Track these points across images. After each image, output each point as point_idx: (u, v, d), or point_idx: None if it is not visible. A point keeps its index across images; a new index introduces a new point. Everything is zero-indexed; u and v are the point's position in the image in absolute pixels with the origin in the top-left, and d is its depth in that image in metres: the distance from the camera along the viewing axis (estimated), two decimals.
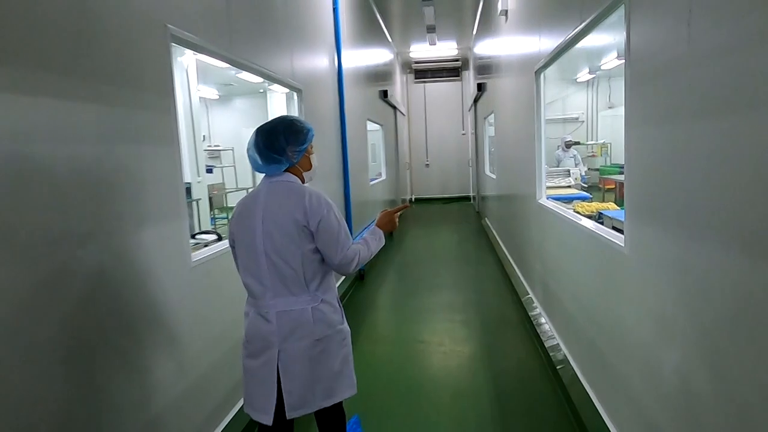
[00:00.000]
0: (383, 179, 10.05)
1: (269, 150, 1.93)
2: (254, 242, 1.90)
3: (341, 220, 1.97)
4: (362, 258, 2.01)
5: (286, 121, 1.98)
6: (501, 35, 6.61)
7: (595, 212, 4.84)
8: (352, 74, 6.95)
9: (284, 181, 1.97)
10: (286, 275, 1.90)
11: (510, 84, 5.84)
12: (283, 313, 1.91)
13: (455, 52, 13.85)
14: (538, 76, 4.04)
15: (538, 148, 4.13)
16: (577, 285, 3.17)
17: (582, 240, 2.96)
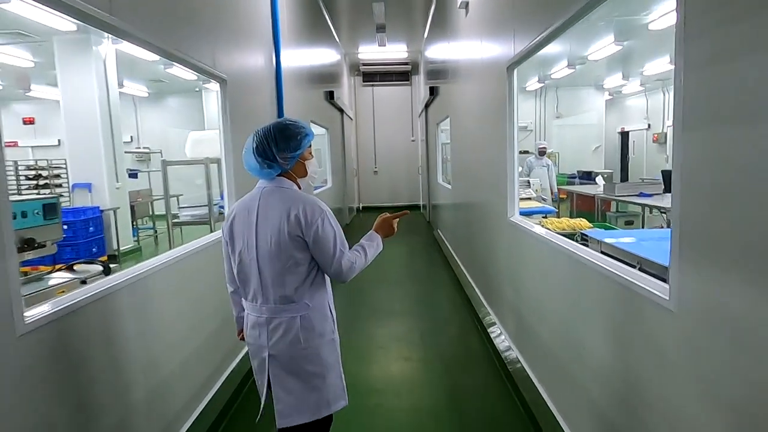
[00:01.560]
0: (328, 186, 9.26)
1: (260, 155, 1.88)
2: (247, 248, 1.90)
3: (337, 227, 1.91)
4: (358, 266, 1.96)
5: (279, 125, 1.91)
6: (460, 32, 6.02)
7: (569, 230, 4.30)
8: (293, 73, 6.19)
9: (278, 187, 1.92)
10: (275, 283, 1.88)
11: (472, 84, 5.24)
12: (271, 319, 1.90)
13: (405, 55, 13.31)
14: (511, 73, 3.42)
15: (510, 156, 3.51)
16: (580, 339, 2.52)
17: (590, 280, 2.30)
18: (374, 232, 2.13)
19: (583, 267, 2.32)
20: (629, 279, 1.86)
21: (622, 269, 2.00)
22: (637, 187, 6.51)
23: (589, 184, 9.36)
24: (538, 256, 3.06)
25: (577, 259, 2.40)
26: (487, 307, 4.68)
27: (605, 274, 2.07)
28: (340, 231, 1.93)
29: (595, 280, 2.20)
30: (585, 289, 2.35)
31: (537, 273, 3.11)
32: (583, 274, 2.34)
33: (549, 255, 2.85)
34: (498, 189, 3.83)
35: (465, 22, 5.52)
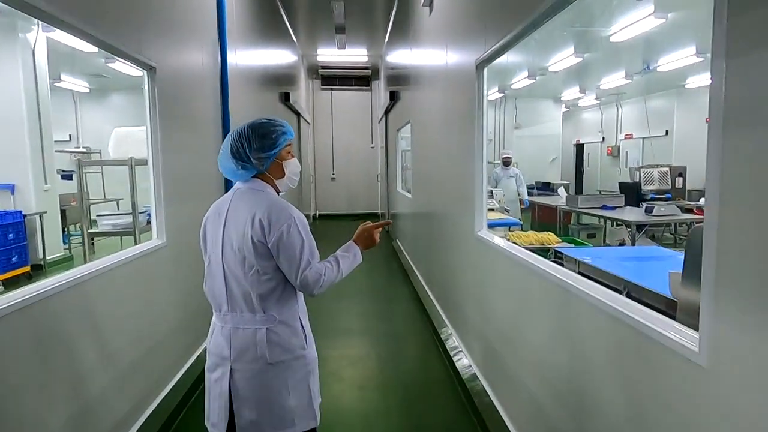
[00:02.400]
0: (282, 194, 8.71)
1: (235, 156, 1.78)
2: (215, 252, 1.82)
3: (306, 236, 1.78)
4: (328, 279, 1.82)
5: (254, 124, 1.81)
6: (423, 33, 5.71)
7: (537, 244, 4.02)
8: (244, 71, 5.73)
9: (251, 189, 1.82)
10: (239, 291, 1.78)
11: (436, 88, 4.92)
12: (236, 329, 1.80)
13: (365, 59, 12.97)
14: (480, 72, 3.10)
15: (478, 165, 3.18)
16: (572, 386, 2.16)
17: (583, 315, 1.95)
18: (352, 242, 1.98)
19: (574, 298, 1.97)
20: (641, 320, 1.49)
21: (626, 305, 1.65)
22: (600, 200, 6.39)
23: (547, 195, 9.27)
24: (510, 277, 2.72)
25: (564, 288, 2.05)
26: (450, 327, 4.33)
27: (604, 310, 1.73)
28: (311, 240, 1.79)
29: (590, 316, 1.86)
30: (576, 326, 2.00)
31: (509, 297, 2.77)
32: (573, 307, 1.99)
33: (524, 278, 2.52)
34: (464, 201, 3.49)
35: (429, 22, 5.21)
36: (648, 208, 5.28)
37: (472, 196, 3.22)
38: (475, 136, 3.15)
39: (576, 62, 8.67)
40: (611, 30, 6.97)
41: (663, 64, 9.10)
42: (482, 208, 3.17)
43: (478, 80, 3.10)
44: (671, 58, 8.71)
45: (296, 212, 1.79)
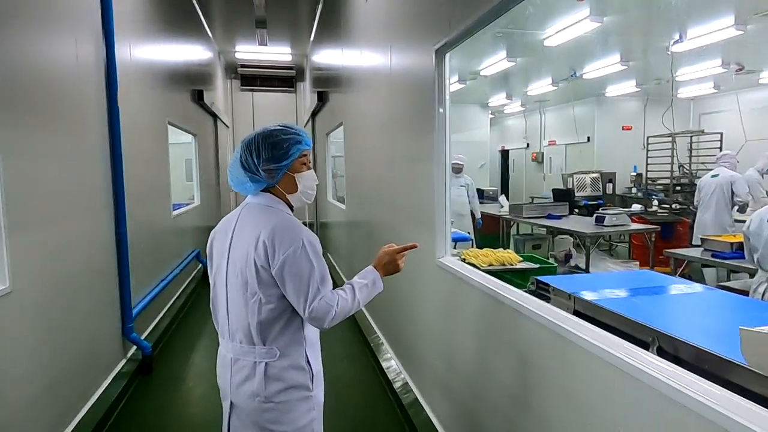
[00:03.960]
0: (196, 205, 7.71)
1: (243, 167, 1.64)
2: (219, 274, 1.69)
3: (317, 260, 1.58)
4: (342, 310, 1.59)
5: (264, 131, 1.66)
6: (356, 25, 5.08)
7: (497, 264, 3.50)
8: (143, 66, 4.89)
9: (260, 204, 1.67)
10: (238, 319, 1.63)
11: (375, 84, 4.30)
12: (236, 360, 1.65)
13: (289, 57, 12.13)
14: (441, 58, 2.51)
15: (440, 174, 2.58)
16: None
17: (615, 385, 1.39)
18: (372, 268, 1.75)
19: (596, 364, 1.39)
20: None
21: (712, 392, 1.09)
22: (544, 208, 6.09)
23: (485, 203, 8.98)
24: (492, 323, 2.14)
25: (585, 349, 1.47)
26: (403, 370, 3.68)
27: (660, 391, 1.16)
28: (322, 266, 1.60)
29: (621, 384, 1.29)
30: (601, 395, 1.42)
31: (491, 349, 2.18)
32: (604, 378, 1.42)
33: (511, 323, 1.94)
34: (419, 219, 2.88)
35: (364, 11, 4.59)
36: (599, 217, 5.01)
37: (431, 213, 2.62)
38: (435, 137, 2.55)
39: (509, 66, 8.52)
40: (546, 33, 6.80)
41: (588, 72, 9.20)
42: (445, 229, 2.57)
43: (438, 69, 2.50)
44: (597, 65, 8.80)
45: (306, 233, 1.60)
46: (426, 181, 2.71)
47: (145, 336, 4.41)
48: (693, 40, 6.75)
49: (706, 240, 3.77)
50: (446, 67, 2.48)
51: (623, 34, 7.11)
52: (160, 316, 5.06)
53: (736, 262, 3.24)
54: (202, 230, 8.13)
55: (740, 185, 5.31)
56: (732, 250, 3.33)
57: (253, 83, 13.30)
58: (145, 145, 4.85)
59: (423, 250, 2.83)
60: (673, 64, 8.30)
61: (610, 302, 1.87)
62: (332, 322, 1.59)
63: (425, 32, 2.72)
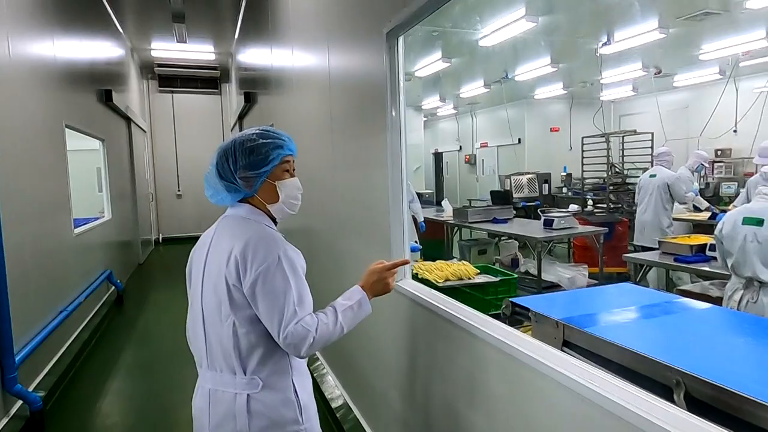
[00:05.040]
0: (106, 219, 6.82)
1: (219, 175, 1.51)
2: (195, 293, 1.55)
3: (295, 279, 1.41)
4: (322, 336, 1.41)
5: (242, 136, 1.53)
6: (289, 16, 4.60)
7: (454, 279, 3.17)
8: (30, 63, 4.17)
9: (237, 216, 1.54)
10: (217, 344, 1.47)
11: (310, 81, 3.85)
12: (215, 392, 1.49)
13: (212, 57, 11.31)
14: (393, 42, 2.13)
15: (397, 180, 2.19)
16: None
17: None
18: (358, 287, 1.57)
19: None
20: None
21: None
22: (489, 212, 5.91)
23: (424, 207, 8.73)
24: (466, 360, 1.77)
25: None
26: (353, 407, 3.25)
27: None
28: (301, 286, 1.42)
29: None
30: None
31: (460, 389, 1.81)
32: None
33: (495, 368, 1.58)
34: (372, 234, 2.48)
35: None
36: (547, 221, 4.87)
37: (386, 227, 2.22)
38: (389, 136, 2.15)
39: (444, 67, 8.39)
40: (482, 33, 6.69)
41: (520, 74, 9.29)
42: (404, 247, 2.18)
43: (389, 55, 2.11)
44: (528, 67, 8.89)
45: (285, 249, 1.44)
46: (379, 189, 2.31)
47: (36, 384, 3.65)
48: (620, 42, 6.91)
49: (664, 243, 3.68)
50: (400, 52, 2.10)
51: (555, 36, 7.17)
52: (59, 355, 4.28)
53: (699, 266, 3.14)
54: (115, 247, 7.23)
55: (677, 186, 5.39)
56: (692, 253, 3.24)
57: (172, 84, 12.31)
58: (36, 153, 4.09)
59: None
60: (601, 65, 8.56)
61: (611, 331, 1.57)
62: (310, 350, 1.41)
63: (372, 14, 2.33)
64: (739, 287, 2.40)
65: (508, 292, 3.21)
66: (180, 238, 12.47)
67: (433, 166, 18.02)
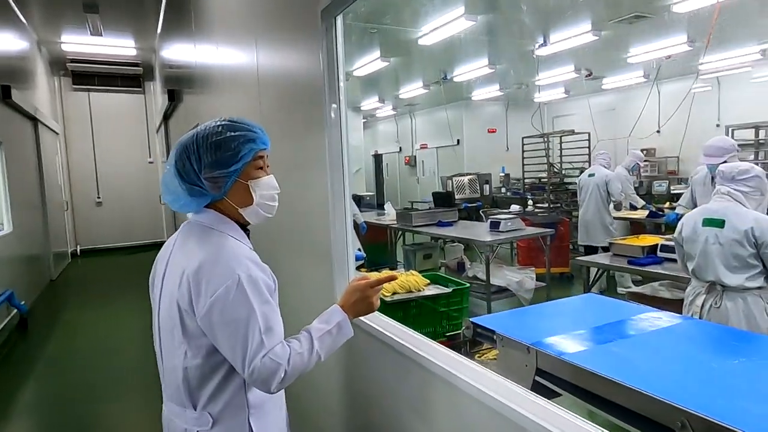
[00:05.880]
0: (6, 232, 6.00)
1: (179, 176, 1.30)
2: (155, 313, 1.39)
3: (260, 302, 1.20)
4: (296, 368, 1.22)
5: (206, 129, 1.32)
6: (213, 6, 4.16)
7: (403, 292, 2.91)
8: None
9: (199, 224, 1.33)
10: (169, 371, 1.32)
11: (238, 75, 3.46)
12: (170, 421, 1.36)
13: (134, 52, 10.45)
14: (330, 22, 1.82)
15: (338, 187, 1.88)
16: None
17: None
18: (337, 308, 1.36)
19: None
20: None
21: None
22: (433, 215, 5.72)
23: (365, 211, 8.47)
24: (425, 401, 1.50)
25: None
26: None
27: None
28: (269, 310, 1.21)
29: None
30: None
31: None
32: None
33: (465, 413, 1.33)
34: (310, 246, 2.15)
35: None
36: (494, 223, 4.74)
37: (326, 239, 1.91)
38: (327, 134, 1.84)
39: (382, 66, 8.21)
40: (421, 31, 6.54)
41: (458, 75, 9.27)
42: (348, 263, 1.87)
43: (326, 38, 1.81)
44: (467, 68, 8.88)
45: (247, 267, 1.22)
46: (317, 194, 1.99)
47: None
48: (555, 44, 7.00)
49: (614, 244, 3.62)
50: (338, 34, 1.80)
51: (493, 36, 7.16)
52: None
53: (653, 268, 3.07)
54: (18, 262, 6.40)
55: (614, 184, 5.47)
56: (644, 254, 3.18)
57: (88, 82, 11.27)
58: None
59: (317, 291, 2.11)
60: (536, 67, 8.70)
61: (593, 358, 1.35)
62: (281, 385, 1.22)
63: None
64: (701, 291, 2.31)
65: (461, 302, 3.01)
66: (101, 250, 11.42)
67: (373, 168, 17.84)
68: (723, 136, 4.63)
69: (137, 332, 5.26)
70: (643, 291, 3.02)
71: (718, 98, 9.20)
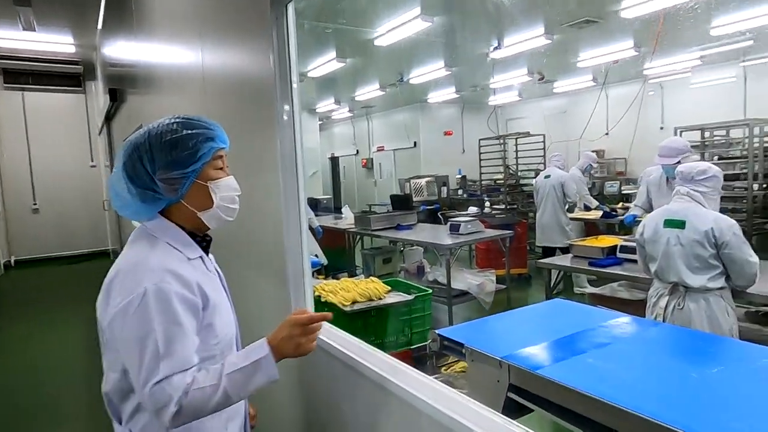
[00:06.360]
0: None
1: (129, 179, 1.21)
2: None
3: (164, 321, 1.08)
4: (193, 405, 1.06)
5: (159, 127, 1.23)
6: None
7: (363, 300, 2.77)
8: None
9: (143, 232, 1.24)
10: None
11: (186, 68, 3.23)
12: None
13: (73, 49, 9.83)
14: (281, 11, 1.67)
15: (292, 193, 1.73)
16: None
17: None
18: (265, 342, 1.17)
19: None
20: None
21: None
22: (392, 219, 5.62)
23: (322, 215, 8.29)
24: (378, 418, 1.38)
25: None
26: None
27: None
28: (175, 331, 1.08)
29: None
30: None
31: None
32: None
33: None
34: (261, 259, 1.98)
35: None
36: (453, 226, 4.68)
37: (280, 251, 1.75)
38: (279, 135, 1.69)
39: (338, 67, 8.07)
40: (377, 32, 6.45)
41: (415, 77, 9.26)
42: (304, 277, 1.72)
43: (277, 28, 1.65)
44: (423, 70, 8.87)
45: (160, 279, 1.10)
46: (270, 200, 1.83)
47: None
48: (510, 47, 7.08)
49: (574, 246, 3.63)
50: (289, 22, 1.65)
51: (449, 38, 7.17)
52: None
53: (613, 269, 3.08)
54: None
55: (569, 185, 5.55)
56: (604, 256, 3.18)
57: (21, 80, 10.52)
58: None
59: (271, 305, 1.94)
60: (491, 70, 8.79)
61: (574, 373, 1.27)
62: (176, 421, 1.06)
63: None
64: (663, 293, 2.30)
65: (423, 309, 2.91)
66: (38, 260, 10.65)
67: (330, 170, 17.63)
68: (676, 137, 4.78)
69: (78, 349, 4.85)
70: (603, 292, 3.02)
71: (661, 102, 9.61)
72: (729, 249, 2.17)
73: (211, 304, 1.20)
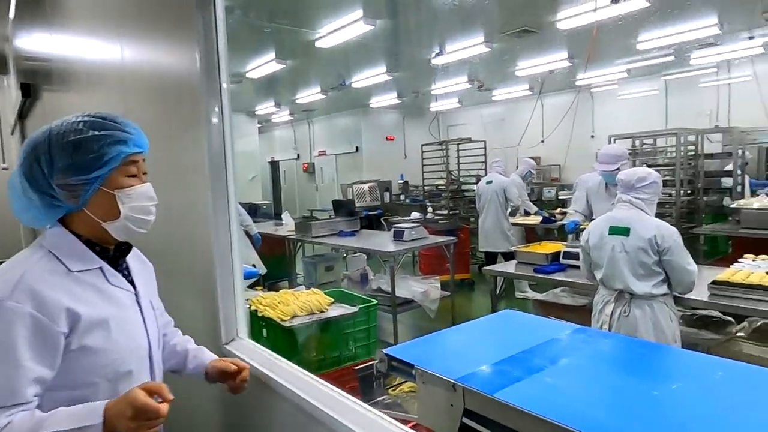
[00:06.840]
0: None
1: (27, 181, 1.10)
2: None
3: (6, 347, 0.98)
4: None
5: (61, 126, 1.10)
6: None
7: (305, 314, 2.59)
8: None
9: (37, 243, 1.14)
10: None
11: (105, 62, 2.92)
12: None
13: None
14: (207, 2, 1.49)
15: (221, 199, 1.54)
16: None
17: None
18: (101, 411, 0.98)
19: None
20: None
21: None
22: (334, 225, 5.45)
23: (261, 221, 7.96)
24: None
25: None
26: None
27: None
28: (15, 357, 0.97)
29: None
30: None
31: None
32: None
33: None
34: (187, 262, 1.77)
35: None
36: (397, 232, 4.58)
37: (208, 263, 1.55)
38: (205, 138, 1.49)
39: (278, 69, 7.82)
40: (318, 33, 6.29)
41: (357, 81, 9.16)
42: (235, 292, 1.53)
43: (203, 19, 1.46)
44: (365, 74, 8.79)
45: (5, 296, 0.99)
46: (196, 207, 1.63)
47: None
48: (450, 54, 7.14)
49: (519, 252, 3.62)
50: (218, 13, 1.46)
51: (392, 43, 7.14)
52: None
53: (557, 275, 3.08)
54: None
55: (511, 190, 5.63)
56: (548, 262, 3.19)
57: None
58: None
59: (199, 325, 1.72)
60: (432, 76, 8.85)
61: (529, 395, 1.17)
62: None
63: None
64: (609, 300, 2.30)
65: (368, 321, 2.77)
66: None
67: (270, 175, 17.16)
68: (614, 144, 4.98)
69: None
70: (546, 298, 3.03)
71: (592, 112, 10.08)
72: (669, 255, 2.20)
73: (86, 324, 1.06)
